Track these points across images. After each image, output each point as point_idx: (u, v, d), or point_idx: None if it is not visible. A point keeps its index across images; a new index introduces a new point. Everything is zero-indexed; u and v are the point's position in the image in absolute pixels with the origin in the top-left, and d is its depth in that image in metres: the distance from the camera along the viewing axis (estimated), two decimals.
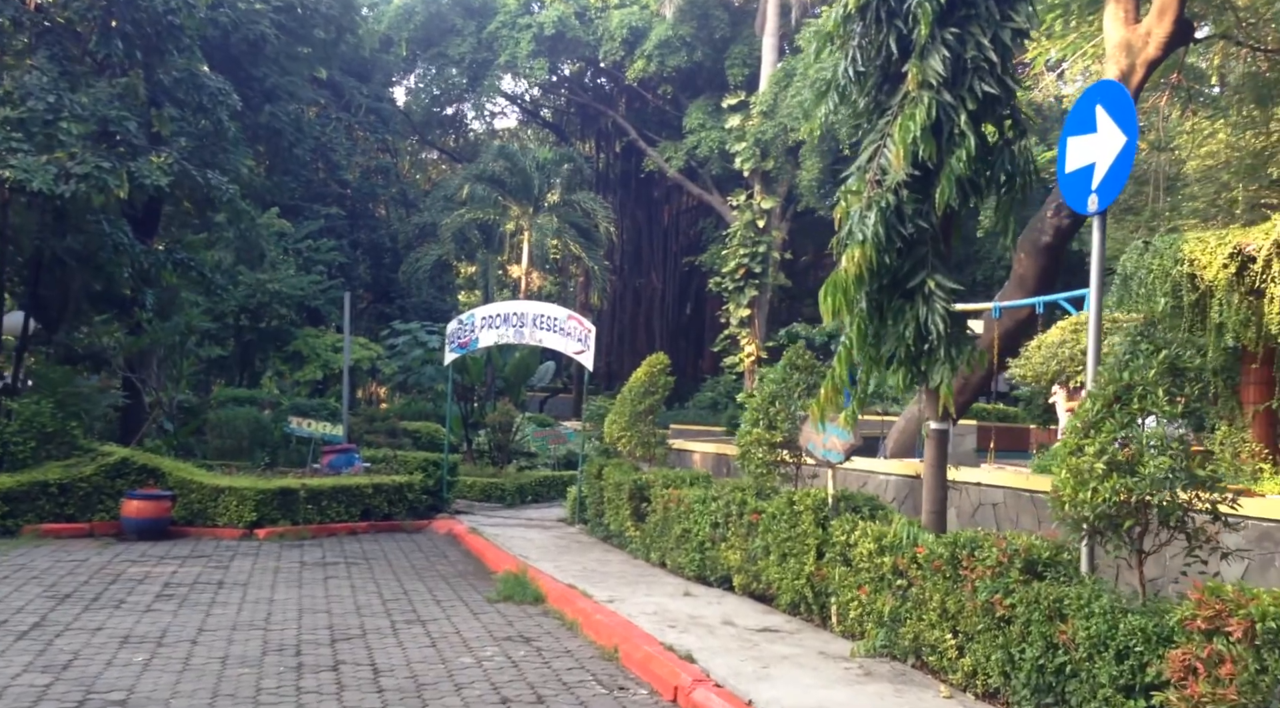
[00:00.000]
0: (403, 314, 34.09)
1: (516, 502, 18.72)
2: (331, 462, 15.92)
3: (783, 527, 8.53)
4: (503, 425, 19.93)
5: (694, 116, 34.54)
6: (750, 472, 9.19)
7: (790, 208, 34.71)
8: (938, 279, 7.03)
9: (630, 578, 10.58)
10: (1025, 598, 5.72)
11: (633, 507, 12.40)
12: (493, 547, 12.71)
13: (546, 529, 14.74)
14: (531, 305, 15.83)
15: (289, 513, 13.75)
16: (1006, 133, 7.10)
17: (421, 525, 15.32)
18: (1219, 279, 12.43)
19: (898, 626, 6.98)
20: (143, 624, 8.18)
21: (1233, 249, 12.31)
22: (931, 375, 7.12)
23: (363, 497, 14.71)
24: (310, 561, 11.80)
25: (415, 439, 25.56)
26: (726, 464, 13.07)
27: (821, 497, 8.21)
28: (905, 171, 6.96)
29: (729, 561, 9.72)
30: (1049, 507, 5.52)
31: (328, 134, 33.48)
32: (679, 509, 10.89)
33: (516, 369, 22.06)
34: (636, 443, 12.73)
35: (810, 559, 8.15)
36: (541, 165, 31.45)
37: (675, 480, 11.55)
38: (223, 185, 15.14)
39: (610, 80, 43.17)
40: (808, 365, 9.08)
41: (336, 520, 14.30)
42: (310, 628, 8.27)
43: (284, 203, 31.41)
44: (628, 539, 12.60)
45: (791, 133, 29.36)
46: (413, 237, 35.66)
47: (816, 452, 8.37)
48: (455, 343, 16.50)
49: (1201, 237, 12.95)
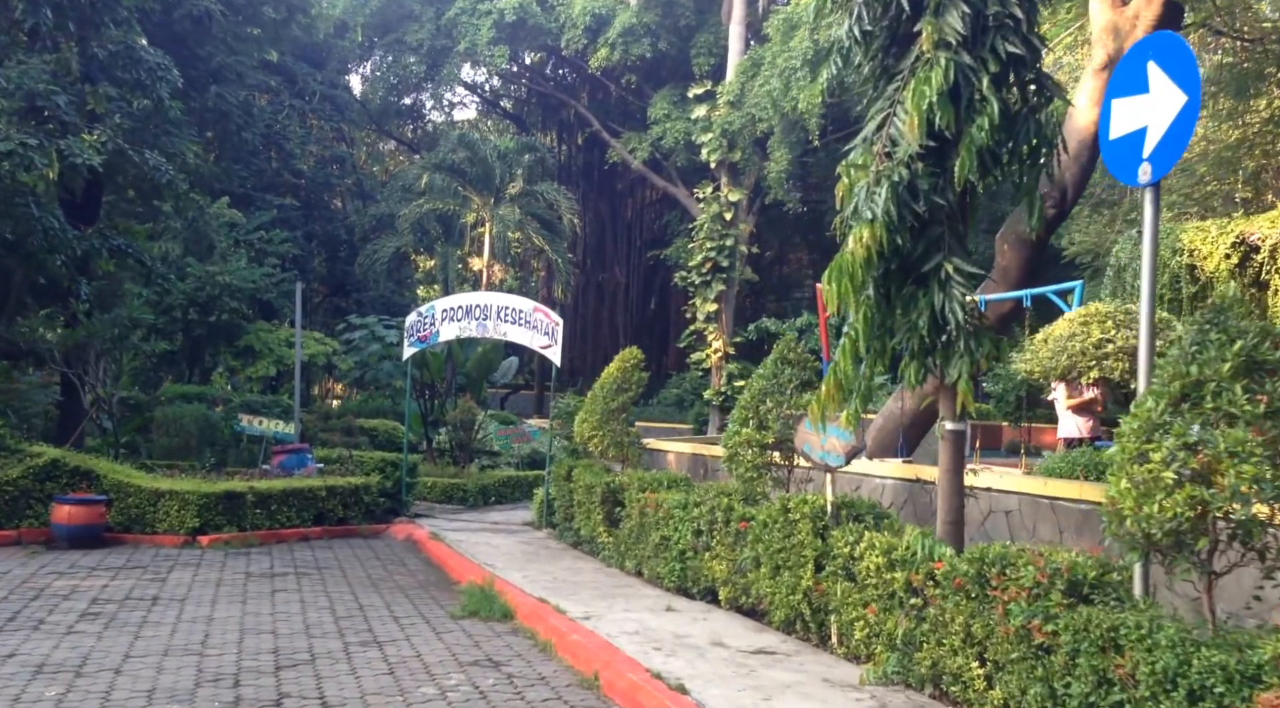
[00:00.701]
0: (359, 309, 33.04)
1: (479, 503, 17.88)
2: (282, 462, 14.98)
3: (776, 536, 7.78)
4: (465, 424, 19.06)
5: (659, 106, 33.73)
6: (738, 475, 8.44)
7: (757, 201, 34.05)
8: (955, 263, 6.31)
9: (606, 590, 9.79)
10: (1071, 625, 5.01)
11: (605, 511, 11.62)
12: (455, 554, 11.87)
13: (512, 534, 13.91)
14: (496, 297, 14.98)
15: (235, 518, 12.81)
16: (1031, 98, 6.39)
17: (379, 530, 14.43)
18: (1220, 270, 11.89)
19: (912, 650, 6.26)
20: (61, 650, 7.27)
21: (1235, 239, 11.77)
22: (948, 370, 6.40)
23: (316, 500, 13.80)
24: (257, 571, 10.89)
25: (372, 438, 24.65)
26: (704, 465, 12.35)
27: (820, 503, 7.48)
28: (919, 142, 6.22)
29: (714, 572, 8.97)
30: (1104, 520, 4.80)
31: (280, 121, 32.34)
32: (657, 515, 10.12)
33: (479, 365, 21.18)
34: (609, 443, 11.94)
35: (808, 573, 7.41)
36: (503, 154, 30.48)
37: (652, 483, 10.79)
38: (162, 166, 14.12)
39: (573, 70, 42.27)
40: (800, 360, 8.33)
41: (287, 526, 13.38)
42: (253, 652, 7.41)
43: (235, 192, 30.29)
44: (600, 546, 11.82)
45: (760, 123, 28.66)
46: (369, 228, 34.57)
47: (813, 454, 7.63)
48: (414, 337, 15.61)
49: (1201, 226, 12.41)
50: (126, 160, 13.37)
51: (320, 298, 39.93)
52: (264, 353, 27.61)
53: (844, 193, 6.77)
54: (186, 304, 25.13)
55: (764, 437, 8.07)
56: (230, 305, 25.83)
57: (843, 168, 6.80)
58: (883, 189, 6.23)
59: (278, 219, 31.40)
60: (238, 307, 26.08)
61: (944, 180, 6.35)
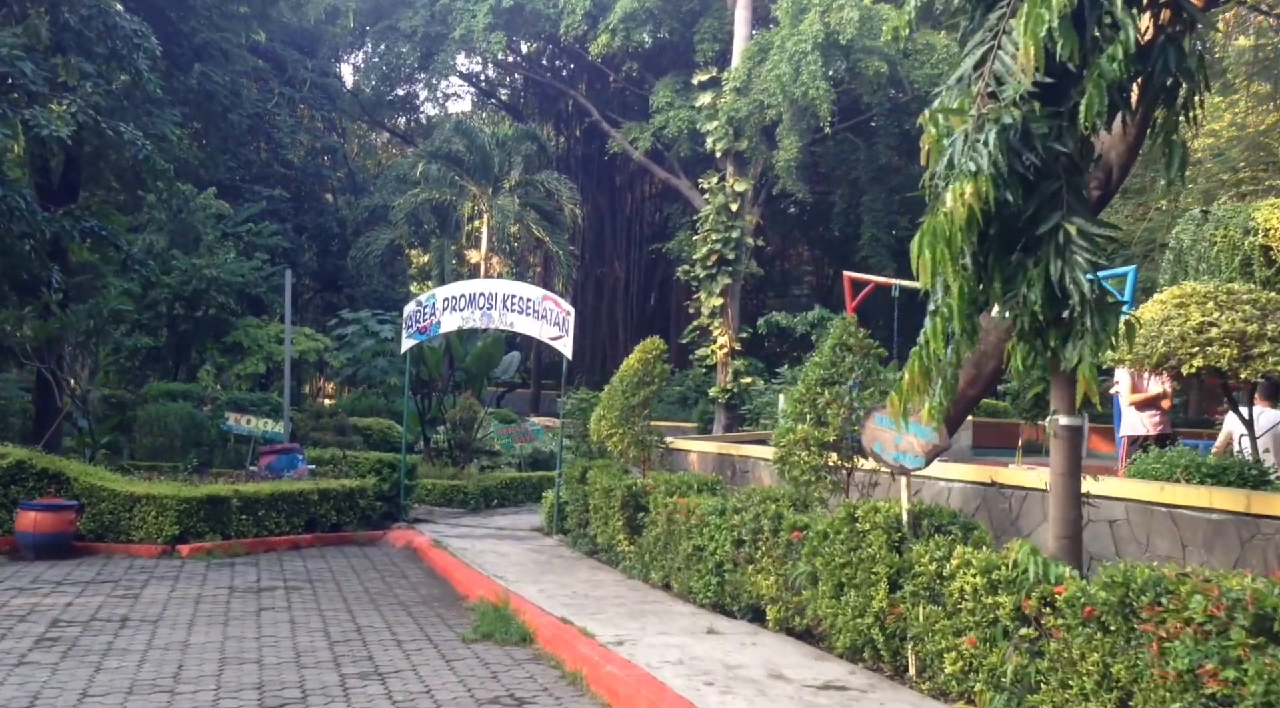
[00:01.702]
0: (352, 304, 31.88)
1: (480, 506, 16.81)
2: (271, 464, 13.87)
3: (838, 549, 6.72)
4: (465, 422, 17.96)
5: (661, 95, 32.60)
6: (792, 478, 7.36)
7: (762, 193, 33.00)
8: (1078, 223, 5.24)
9: (633, 607, 8.72)
10: (1264, 671, 3.95)
11: (626, 517, 10.55)
12: (461, 565, 10.79)
13: (520, 540, 12.84)
14: (501, 285, 13.89)
15: (219, 525, 11.71)
16: (1168, 25, 5.32)
17: (375, 537, 13.35)
18: None
19: (1026, 691, 5.20)
20: (7, 688, 6.18)
21: None
22: (1066, 353, 5.34)
23: (307, 504, 12.71)
24: (242, 585, 9.80)
25: (366, 437, 23.60)
26: (731, 466, 11.30)
27: (895, 512, 6.42)
28: (1033, 79, 5.15)
29: (759, 587, 7.91)
30: None
31: (269, 109, 31.19)
32: (688, 522, 9.06)
33: (479, 360, 20.06)
34: (629, 443, 10.87)
35: (880, 593, 6.35)
36: (502, 142, 29.31)
37: (680, 487, 9.72)
38: (139, 141, 12.98)
39: (571, 60, 41.16)
40: (863, 346, 7.26)
41: (276, 533, 12.30)
42: (233, 688, 6.32)
43: (222, 182, 29.20)
44: (620, 555, 10.75)
45: (769, 110, 27.58)
46: (362, 221, 33.42)
47: (885, 454, 6.56)
48: (413, 328, 14.52)
49: (1277, 204, 11.39)
50: (99, 134, 12.23)
51: (311, 293, 38.79)
52: (253, 349, 26.64)
53: (931, 145, 5.70)
54: (172, 298, 24.18)
55: (823, 434, 7.00)
56: (217, 300, 24.91)
57: (927, 117, 5.71)
58: (990, 135, 5.16)
59: (267, 211, 30.30)
60: (225, 301, 25.15)
61: (1063, 124, 5.29)
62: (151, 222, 25.53)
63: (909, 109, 30.08)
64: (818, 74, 26.07)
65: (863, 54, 27.17)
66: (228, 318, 25.94)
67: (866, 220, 31.26)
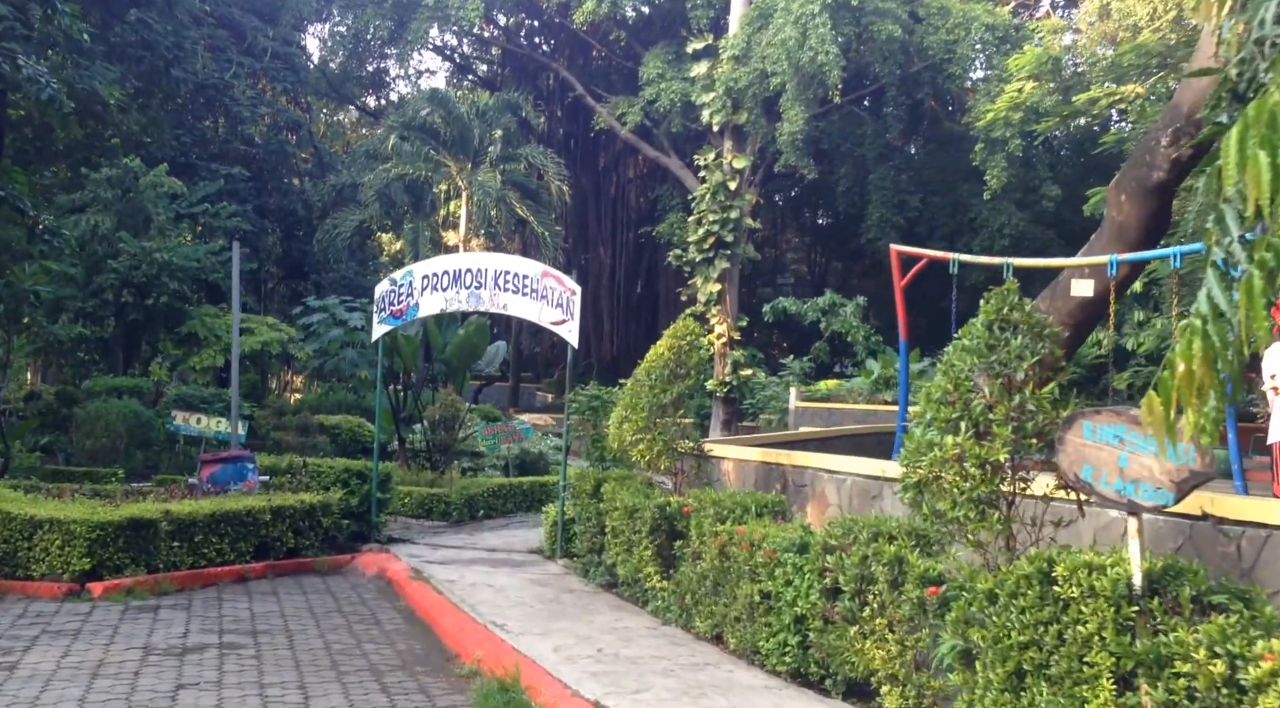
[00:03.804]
0: (319, 291, 29.46)
1: (464, 518, 14.60)
2: (214, 475, 11.48)
3: (1017, 621, 4.53)
4: (446, 421, 15.69)
5: (652, 65, 30.27)
6: (933, 512, 5.15)
7: (759, 172, 30.80)
8: None
9: (685, 677, 6.49)
10: None
11: (657, 546, 8.36)
12: (449, 605, 8.56)
13: (519, 568, 10.59)
14: (493, 259, 11.59)
15: (143, 555, 9.38)
16: None
17: (342, 563, 11.07)
18: None
19: None
20: None
21: None
22: None
23: (257, 526, 10.40)
24: (163, 643, 7.49)
25: (334, 437, 21.20)
26: (782, 478, 9.14)
27: (1122, 571, 4.23)
28: None
29: (866, 658, 5.73)
30: None
31: (226, 81, 28.67)
32: (751, 559, 6.86)
33: (460, 350, 17.77)
34: (661, 450, 8.65)
35: (1102, 694, 4.17)
36: (482, 113, 26.89)
37: (734, 509, 7.53)
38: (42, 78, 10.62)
39: (552, 35, 38.79)
40: (1032, 324, 5.05)
41: (217, 562, 9.99)
42: None
43: (175, 159, 26.73)
44: (649, 593, 8.56)
45: (774, 78, 25.35)
46: (329, 202, 30.92)
47: (1103, 484, 4.36)
48: (386, 311, 12.22)
49: None
50: None
51: (275, 281, 36.29)
52: (210, 341, 24.29)
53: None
54: (119, 285, 21.93)
55: (988, 451, 4.81)
56: (170, 287, 22.68)
57: None
58: None
59: (226, 191, 27.83)
60: (179, 288, 22.93)
61: None
62: (96, 200, 23.22)
63: (920, 79, 27.98)
64: (826, 38, 23.89)
65: (875, 17, 25.01)
66: (182, 306, 23.80)
67: (875, 200, 29.13)
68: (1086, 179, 29.01)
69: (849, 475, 8.37)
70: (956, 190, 29.73)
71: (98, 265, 21.95)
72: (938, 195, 30.03)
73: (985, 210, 27.81)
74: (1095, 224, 26.50)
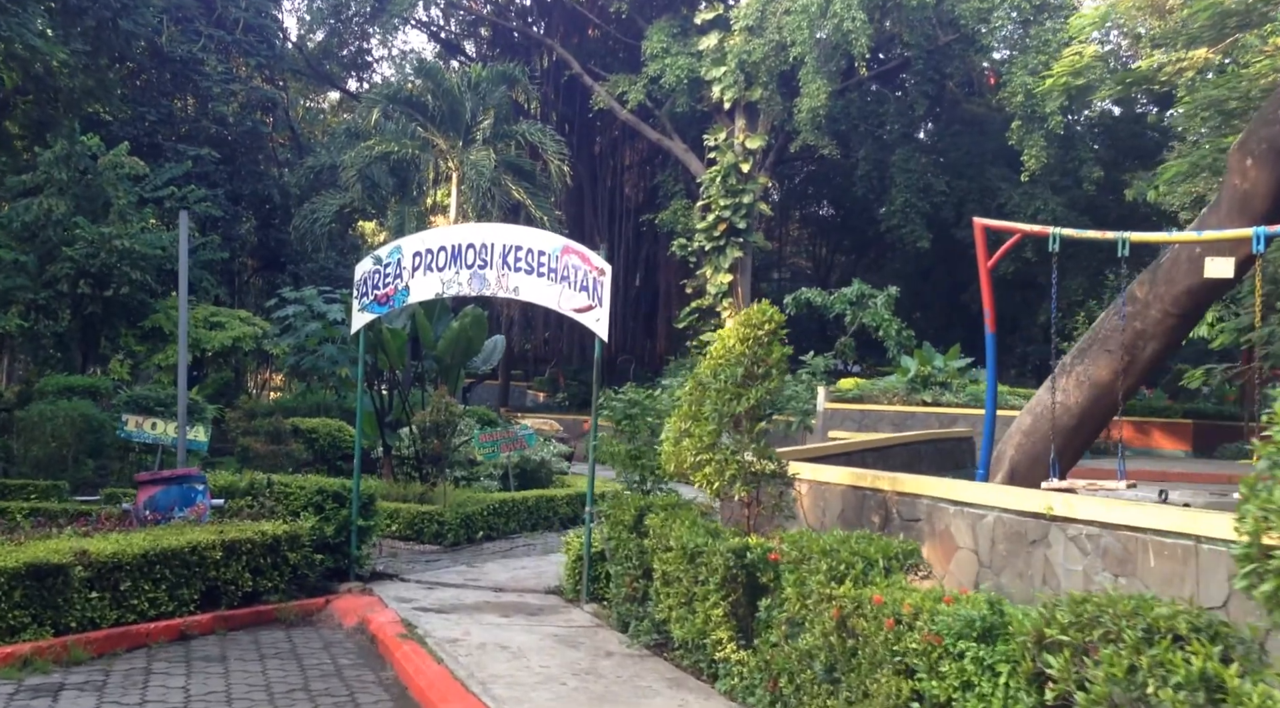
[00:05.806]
0: (296, 283, 27.21)
1: (461, 541, 12.49)
2: (153, 500, 9.19)
3: None
4: (439, 427, 13.48)
5: (655, 39, 28.07)
6: None
7: (770, 154, 28.67)
8: None
9: None
10: None
11: (731, 603, 6.20)
12: (454, 686, 6.37)
13: (535, 617, 8.42)
14: (501, 231, 9.34)
15: (51, 612, 7.15)
16: None
17: (313, 609, 8.88)
18: None
19: None
20: None
21: None
22: None
23: (205, 566, 8.19)
24: None
25: (311, 443, 18.86)
26: (882, 509, 6.99)
27: None
28: None
29: None
30: None
31: (195, 55, 26.39)
32: (898, 640, 4.72)
33: (453, 345, 15.54)
34: (735, 474, 6.48)
35: None
36: (475, 85, 24.56)
37: (849, 561, 5.36)
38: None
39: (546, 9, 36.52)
40: None
41: (150, 616, 7.76)
42: None
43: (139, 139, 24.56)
44: (719, 664, 6.41)
45: (793, 49, 23.22)
46: (307, 185, 28.60)
47: None
48: (370, 297, 9.98)
49: None
50: None
51: (250, 272, 33.99)
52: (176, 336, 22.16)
53: None
54: (75, 274, 19.96)
55: None
56: (132, 277, 20.73)
57: None
58: None
59: (195, 173, 25.62)
60: (141, 278, 20.95)
61: None
62: (50, 182, 21.17)
63: (950, 52, 25.88)
64: (853, 3, 21.78)
65: None
66: (144, 298, 21.86)
67: (899, 183, 27.00)
68: (1121, 163, 27.01)
69: (991, 510, 6.26)
70: (984, 174, 27.69)
71: (51, 253, 20.09)
72: (964, 179, 27.99)
73: (1016, 195, 25.80)
74: (1135, 211, 24.49)
